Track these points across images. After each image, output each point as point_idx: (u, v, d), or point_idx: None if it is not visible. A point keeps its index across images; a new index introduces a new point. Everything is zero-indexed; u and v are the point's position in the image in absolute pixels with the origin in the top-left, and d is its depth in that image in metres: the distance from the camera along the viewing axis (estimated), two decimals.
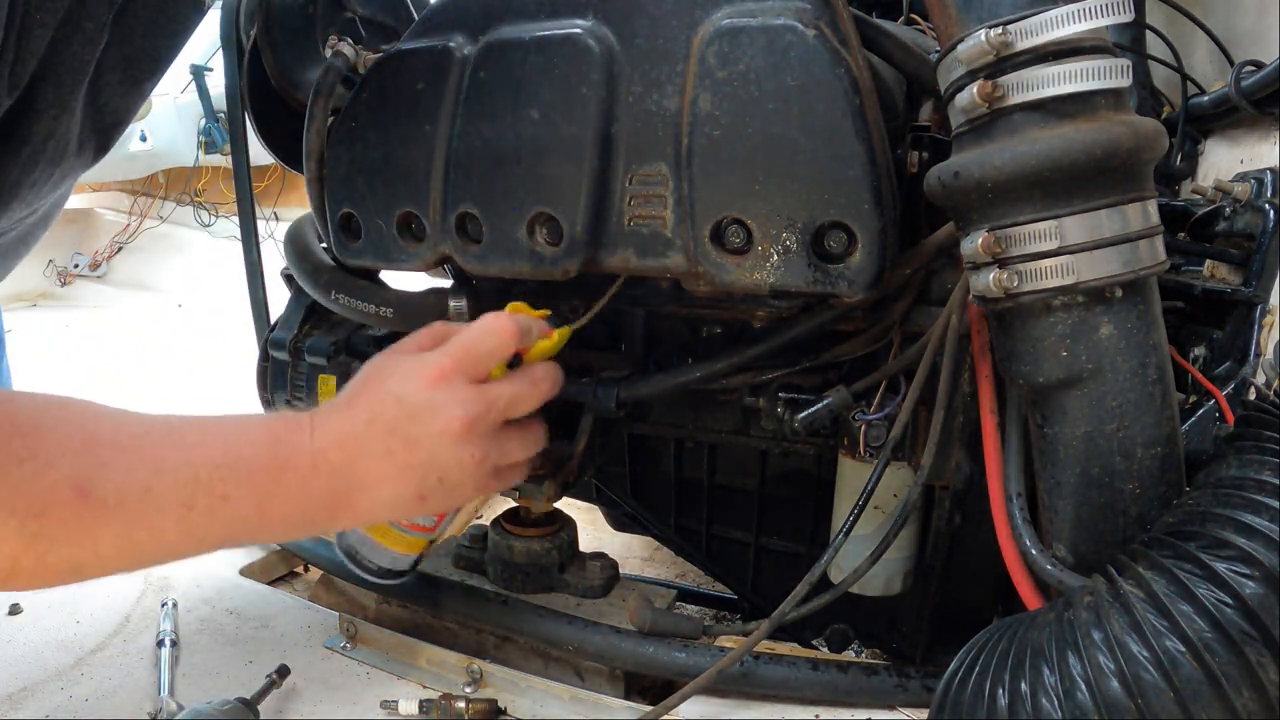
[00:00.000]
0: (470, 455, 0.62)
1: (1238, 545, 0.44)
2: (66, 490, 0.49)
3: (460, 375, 0.62)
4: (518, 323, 0.65)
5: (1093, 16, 0.48)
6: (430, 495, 0.62)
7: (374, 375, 0.63)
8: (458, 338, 0.64)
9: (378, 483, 0.60)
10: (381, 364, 0.64)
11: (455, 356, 0.62)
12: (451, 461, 0.61)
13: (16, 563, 0.49)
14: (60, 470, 0.49)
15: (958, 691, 0.52)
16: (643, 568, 1.61)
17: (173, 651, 0.82)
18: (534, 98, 0.71)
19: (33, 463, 0.48)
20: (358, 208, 0.80)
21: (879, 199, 0.63)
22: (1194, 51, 1.27)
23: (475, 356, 0.63)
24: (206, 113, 4.48)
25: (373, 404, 0.61)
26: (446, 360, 0.62)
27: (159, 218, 5.23)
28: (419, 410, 0.60)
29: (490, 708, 0.74)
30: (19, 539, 0.48)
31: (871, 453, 0.74)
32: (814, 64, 0.62)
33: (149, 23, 0.77)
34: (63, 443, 0.50)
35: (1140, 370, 0.52)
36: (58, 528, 0.49)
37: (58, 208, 0.93)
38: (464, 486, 0.63)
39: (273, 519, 0.57)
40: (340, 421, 0.60)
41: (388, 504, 0.62)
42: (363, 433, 0.59)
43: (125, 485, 0.51)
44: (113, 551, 0.52)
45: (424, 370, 0.61)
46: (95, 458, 0.51)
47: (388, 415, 0.60)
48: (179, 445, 0.54)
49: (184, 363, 2.87)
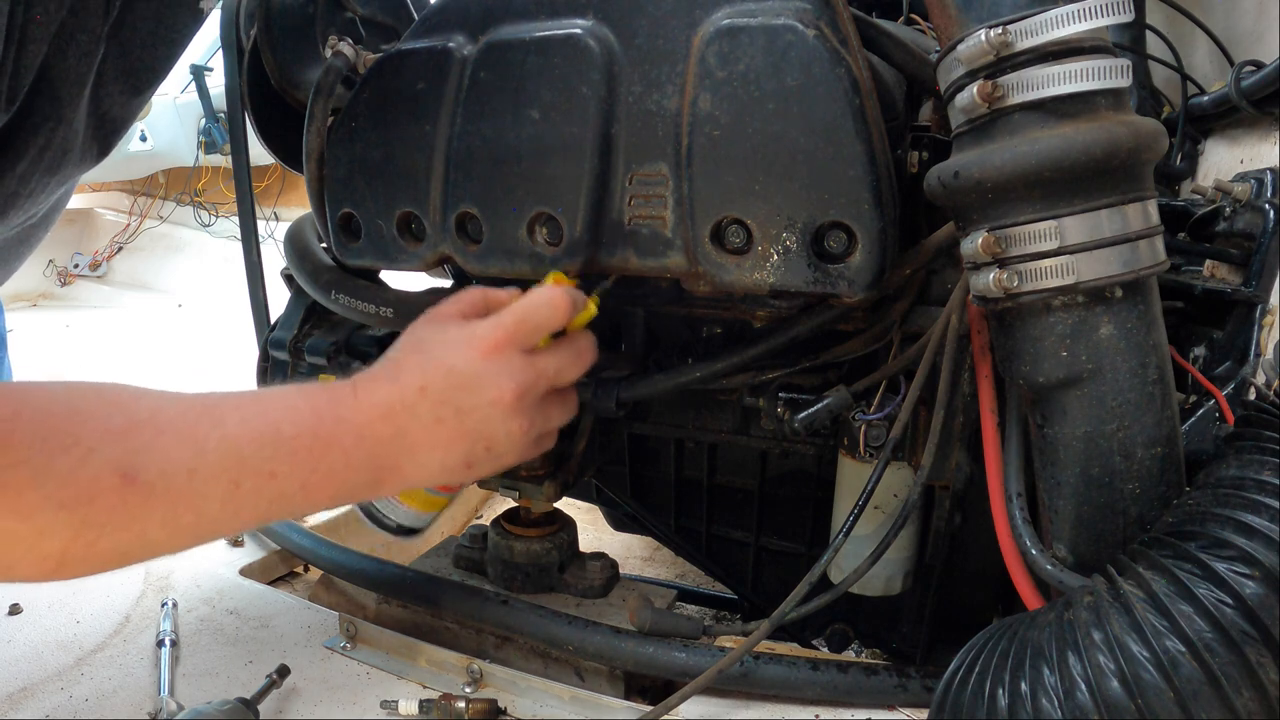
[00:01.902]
0: (519, 425, 0.63)
1: (1238, 545, 0.44)
2: (112, 477, 0.49)
3: (513, 346, 0.62)
4: (570, 295, 0.66)
5: (1093, 16, 0.48)
6: (477, 463, 0.63)
7: (420, 343, 0.63)
8: (512, 308, 0.64)
9: (427, 450, 0.60)
10: (427, 332, 0.64)
11: (509, 328, 0.62)
12: (500, 431, 0.62)
13: (66, 552, 0.48)
14: (104, 457, 0.49)
15: (958, 691, 0.52)
16: (643, 568, 1.61)
17: (173, 651, 0.82)
18: (534, 98, 0.71)
19: (76, 451, 0.48)
20: (358, 208, 0.80)
21: (879, 199, 0.63)
22: (1194, 51, 1.27)
23: (529, 328, 0.63)
24: (206, 113, 4.48)
25: (423, 372, 0.61)
26: (501, 332, 0.62)
27: (159, 218, 5.23)
28: (472, 379, 0.61)
29: (490, 708, 0.74)
30: (68, 529, 0.48)
31: (871, 453, 0.75)
32: (814, 64, 0.62)
33: (147, 33, 0.77)
34: (104, 429, 0.50)
35: (1140, 370, 0.52)
36: (105, 515, 0.49)
37: (58, 210, 0.93)
38: (509, 455, 0.64)
39: (318, 493, 0.57)
40: (387, 392, 0.60)
41: (434, 471, 0.62)
42: (413, 401, 0.59)
43: (169, 468, 0.51)
44: (161, 535, 0.51)
45: (475, 340, 0.61)
46: (137, 441, 0.50)
47: (438, 384, 0.60)
48: (220, 423, 0.53)
49: (184, 363, 2.87)
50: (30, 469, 0.47)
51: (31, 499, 0.47)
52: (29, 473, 0.47)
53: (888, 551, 0.72)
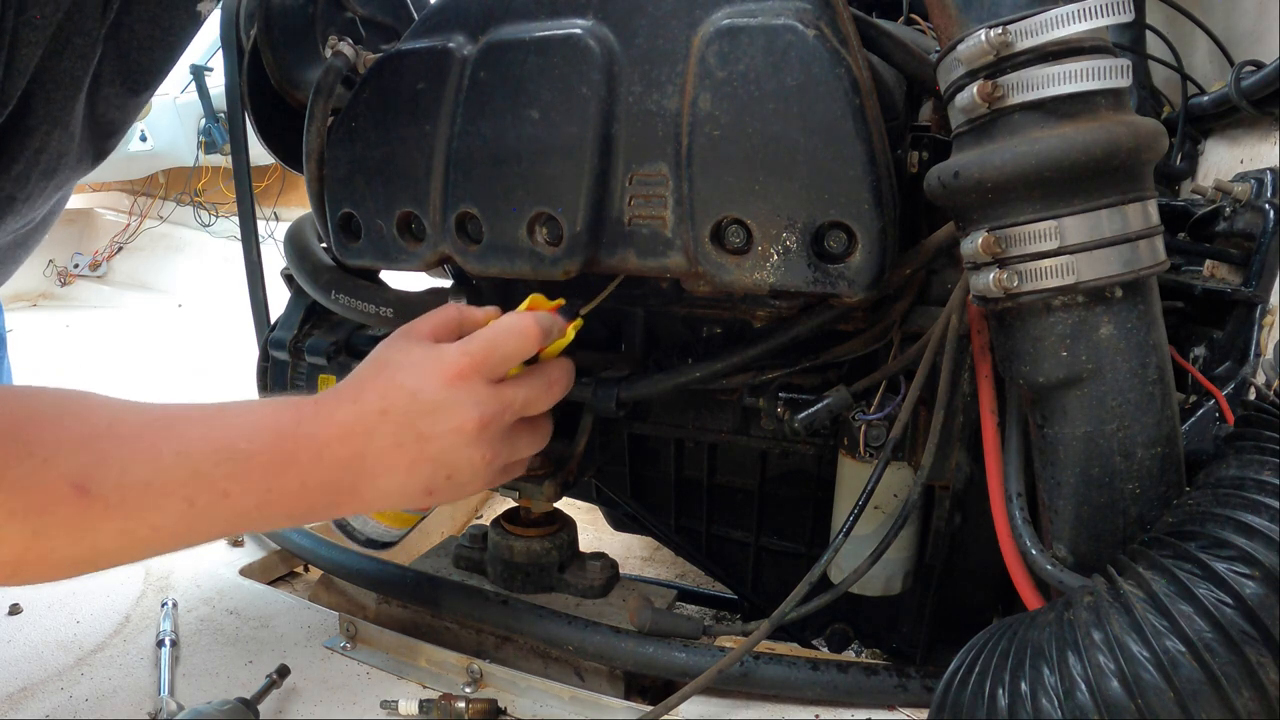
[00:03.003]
0: (481, 455, 0.61)
1: (1238, 545, 0.44)
2: (66, 488, 0.48)
3: (479, 375, 0.61)
4: (540, 324, 0.64)
5: (1093, 16, 0.48)
6: (437, 490, 0.62)
7: (386, 363, 0.62)
8: (480, 335, 0.63)
9: (386, 475, 0.59)
10: (393, 352, 0.63)
11: (475, 356, 0.61)
12: (462, 460, 0.61)
13: (20, 560, 0.48)
14: (59, 468, 0.48)
15: (958, 691, 0.52)
16: (643, 568, 1.61)
17: (173, 651, 0.82)
18: (534, 98, 0.70)
19: (31, 461, 0.48)
20: (358, 208, 0.80)
21: (879, 199, 0.63)
22: (1194, 51, 1.27)
23: (496, 358, 0.62)
24: (206, 113, 4.48)
25: (385, 395, 0.59)
26: (466, 360, 0.60)
27: (159, 218, 5.23)
28: (434, 407, 0.59)
29: (490, 708, 0.74)
30: (21, 538, 0.48)
31: (871, 453, 0.74)
32: (814, 64, 0.62)
33: (145, 36, 0.77)
34: (61, 438, 0.49)
35: (1140, 370, 0.52)
36: (58, 526, 0.49)
37: (55, 214, 0.93)
38: (472, 483, 0.63)
39: (274, 513, 0.56)
40: (348, 412, 0.59)
41: (393, 496, 0.61)
42: (373, 424, 0.58)
43: (125, 481, 0.50)
44: (113, 546, 0.51)
45: (441, 366, 0.60)
46: (94, 453, 0.50)
47: (400, 408, 0.59)
48: (179, 438, 0.53)
49: (184, 363, 2.87)
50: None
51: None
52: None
53: (888, 551, 0.72)
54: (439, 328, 0.65)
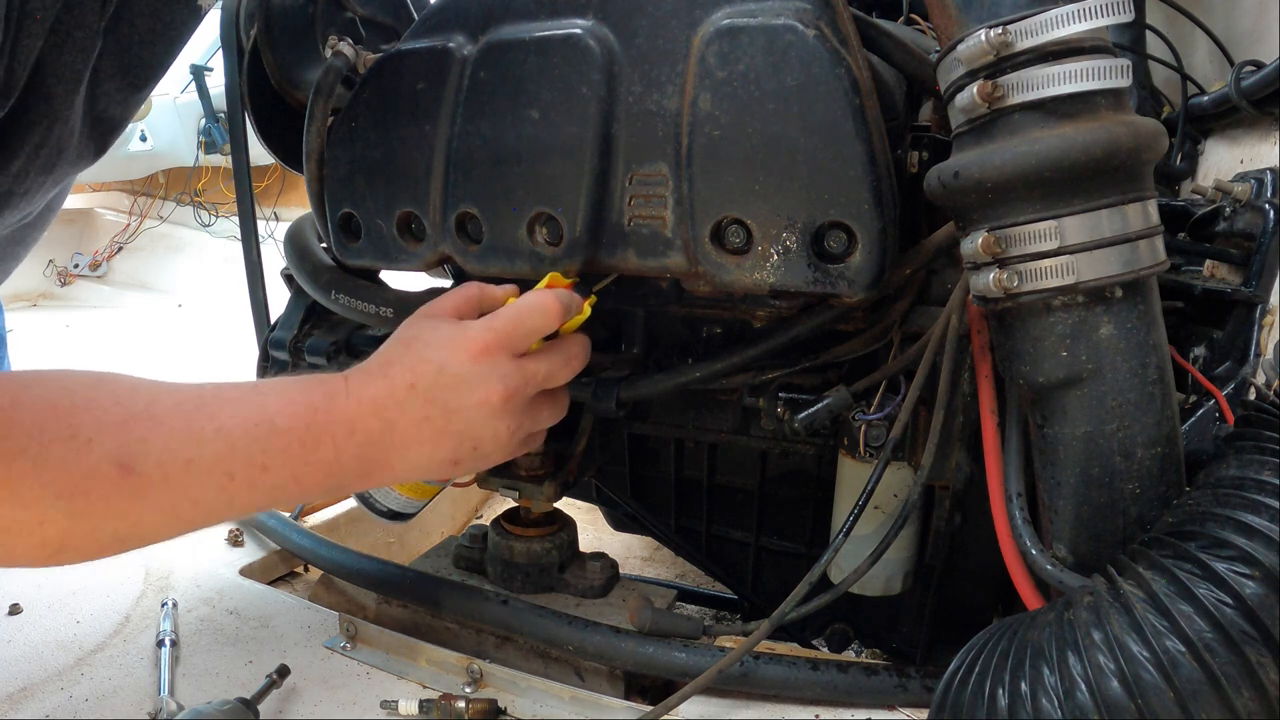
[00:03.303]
0: (506, 426, 0.64)
1: (1238, 545, 0.44)
2: (109, 467, 0.49)
3: (503, 350, 0.63)
4: (561, 300, 0.66)
5: (1093, 16, 0.48)
6: (463, 461, 0.64)
7: (413, 340, 0.64)
8: (505, 312, 0.65)
9: (415, 447, 0.62)
10: (420, 329, 0.65)
11: (500, 332, 0.63)
12: (487, 432, 0.63)
13: (64, 539, 0.49)
14: (102, 447, 0.50)
15: (958, 691, 0.52)
16: (643, 568, 1.61)
17: (173, 651, 0.82)
18: (534, 98, 0.71)
19: (74, 442, 0.49)
20: (358, 208, 0.80)
21: (879, 199, 0.63)
22: (1194, 51, 1.27)
23: (520, 333, 0.64)
24: (206, 113, 4.48)
25: (413, 370, 0.62)
26: (491, 335, 0.63)
27: (159, 218, 5.23)
28: (460, 381, 0.62)
29: (490, 708, 0.74)
30: (66, 518, 0.49)
31: (871, 453, 0.74)
32: (814, 64, 0.62)
33: (146, 30, 0.77)
34: (102, 419, 0.50)
35: (1140, 370, 0.52)
36: (102, 505, 0.50)
37: (53, 210, 0.93)
38: (496, 454, 0.66)
39: (309, 485, 0.58)
40: (378, 387, 0.61)
41: (421, 467, 0.63)
42: (402, 398, 0.61)
43: (166, 459, 0.52)
44: (157, 523, 0.53)
45: (467, 342, 0.62)
46: (135, 432, 0.51)
47: (428, 382, 0.61)
48: (216, 415, 0.55)
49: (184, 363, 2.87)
50: (29, 458, 0.47)
51: (30, 488, 0.47)
52: (28, 462, 0.47)
53: (888, 551, 0.72)
54: (461, 305, 0.67)
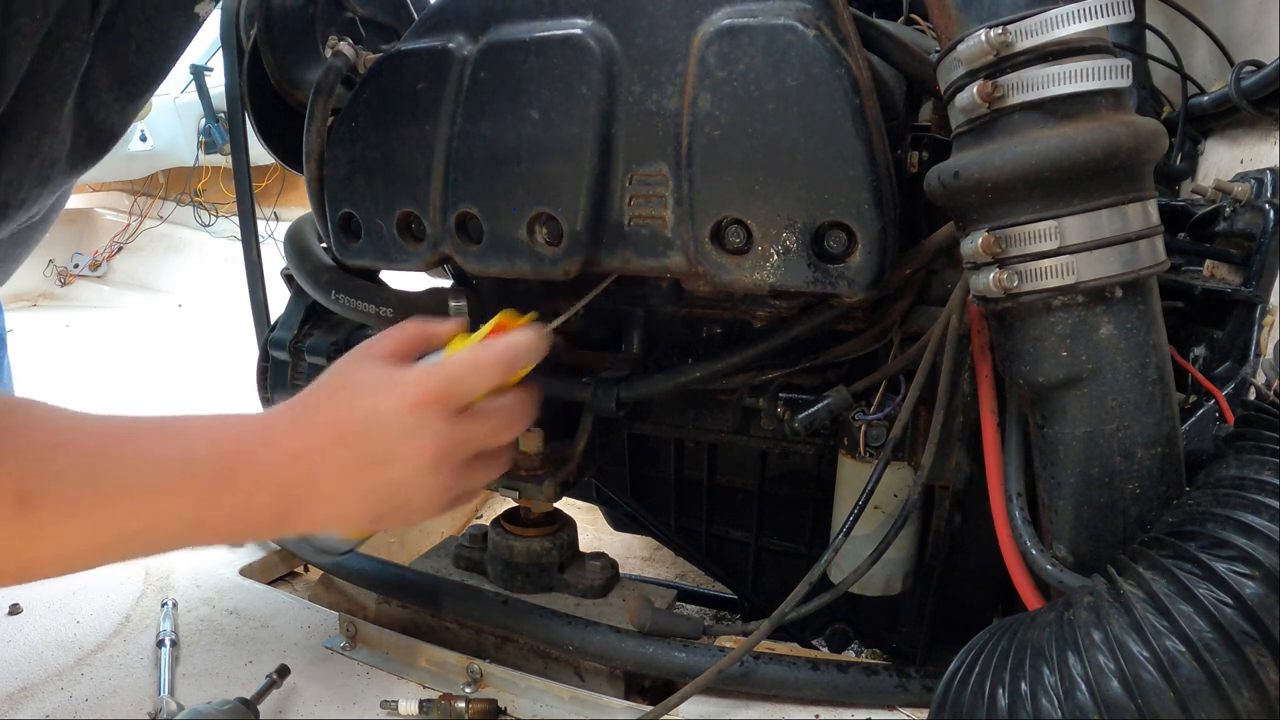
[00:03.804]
0: (436, 485, 0.59)
1: (1238, 545, 0.44)
2: (8, 500, 0.48)
3: (439, 405, 0.58)
4: (503, 358, 0.60)
5: (1093, 16, 0.48)
6: (386, 518, 0.60)
7: (342, 385, 0.59)
8: (441, 371, 0.59)
9: (335, 500, 0.57)
10: (352, 372, 0.60)
11: (437, 386, 0.58)
12: (414, 489, 0.59)
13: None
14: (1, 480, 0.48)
15: (958, 691, 0.52)
16: (643, 568, 1.61)
17: (173, 651, 0.82)
18: (534, 98, 0.71)
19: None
20: (358, 208, 0.80)
21: (879, 199, 0.63)
22: (1194, 51, 1.27)
23: (459, 391, 0.59)
24: (206, 113, 4.48)
25: (340, 418, 0.57)
26: (427, 388, 0.58)
27: (159, 218, 5.23)
28: (390, 433, 0.57)
29: (490, 708, 0.74)
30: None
31: (871, 453, 0.75)
32: (814, 64, 0.62)
33: (143, 39, 0.76)
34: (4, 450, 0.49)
35: (1140, 370, 0.52)
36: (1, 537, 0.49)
37: (55, 212, 0.93)
38: (423, 512, 0.61)
39: (216, 530, 0.55)
40: (299, 434, 0.57)
41: (341, 521, 0.59)
42: (325, 449, 0.56)
43: (66, 494, 0.50)
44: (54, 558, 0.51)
45: (400, 391, 0.57)
46: (38, 464, 0.50)
47: (355, 432, 0.57)
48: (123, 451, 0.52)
49: (184, 363, 2.87)
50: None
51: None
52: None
53: (888, 551, 0.72)
54: (402, 346, 0.62)
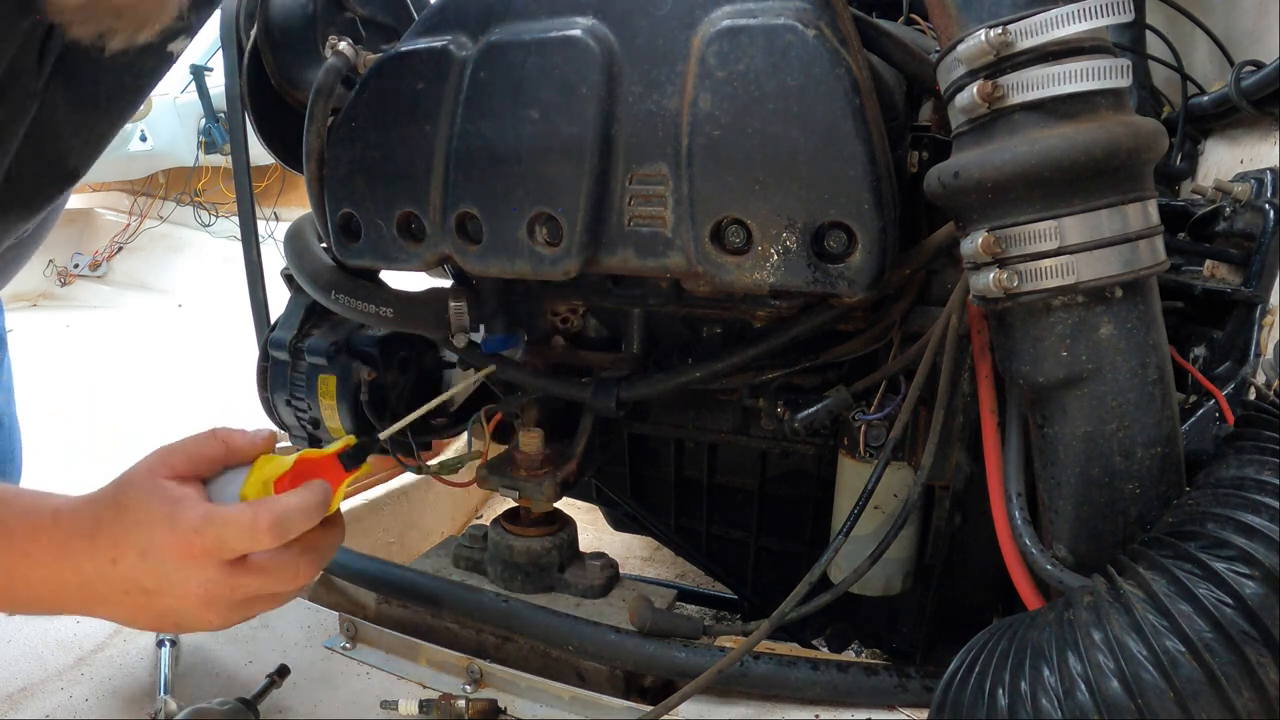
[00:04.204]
0: (208, 618, 0.61)
1: (1238, 545, 0.44)
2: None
3: (210, 557, 0.59)
4: (274, 526, 0.59)
5: (1093, 16, 0.48)
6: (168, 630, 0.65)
7: (127, 508, 0.60)
8: (219, 525, 0.59)
9: (114, 610, 0.62)
10: (137, 494, 0.60)
11: (209, 545, 0.58)
12: (188, 618, 0.62)
13: None
14: None
15: (958, 691, 0.52)
16: (643, 568, 1.61)
17: (172, 651, 0.82)
18: (534, 98, 0.70)
19: None
20: (358, 208, 0.80)
21: (879, 199, 0.63)
22: (1194, 51, 1.27)
23: (227, 548, 0.59)
24: (206, 113, 4.49)
25: (117, 545, 0.59)
26: (196, 541, 0.58)
27: (159, 218, 5.23)
28: (160, 574, 0.59)
29: (490, 708, 0.74)
30: None
31: (871, 453, 0.75)
32: (814, 64, 0.62)
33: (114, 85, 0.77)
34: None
35: (1140, 370, 0.52)
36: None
37: (47, 226, 0.93)
38: (206, 629, 0.63)
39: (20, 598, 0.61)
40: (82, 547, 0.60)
41: (127, 624, 0.64)
42: (103, 566, 0.59)
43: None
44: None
45: (173, 536, 0.58)
46: None
47: (128, 563, 0.59)
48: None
49: (184, 363, 2.87)
50: None
51: None
52: None
53: (888, 551, 0.72)
54: (198, 463, 0.62)
